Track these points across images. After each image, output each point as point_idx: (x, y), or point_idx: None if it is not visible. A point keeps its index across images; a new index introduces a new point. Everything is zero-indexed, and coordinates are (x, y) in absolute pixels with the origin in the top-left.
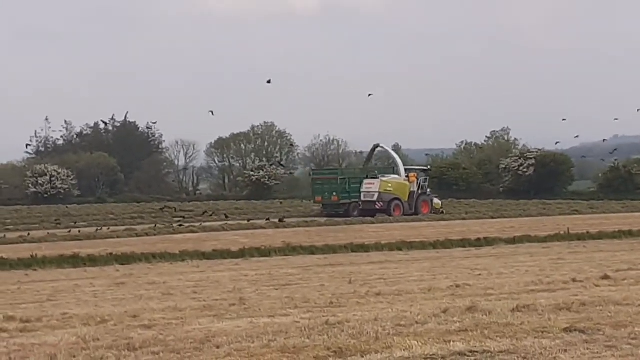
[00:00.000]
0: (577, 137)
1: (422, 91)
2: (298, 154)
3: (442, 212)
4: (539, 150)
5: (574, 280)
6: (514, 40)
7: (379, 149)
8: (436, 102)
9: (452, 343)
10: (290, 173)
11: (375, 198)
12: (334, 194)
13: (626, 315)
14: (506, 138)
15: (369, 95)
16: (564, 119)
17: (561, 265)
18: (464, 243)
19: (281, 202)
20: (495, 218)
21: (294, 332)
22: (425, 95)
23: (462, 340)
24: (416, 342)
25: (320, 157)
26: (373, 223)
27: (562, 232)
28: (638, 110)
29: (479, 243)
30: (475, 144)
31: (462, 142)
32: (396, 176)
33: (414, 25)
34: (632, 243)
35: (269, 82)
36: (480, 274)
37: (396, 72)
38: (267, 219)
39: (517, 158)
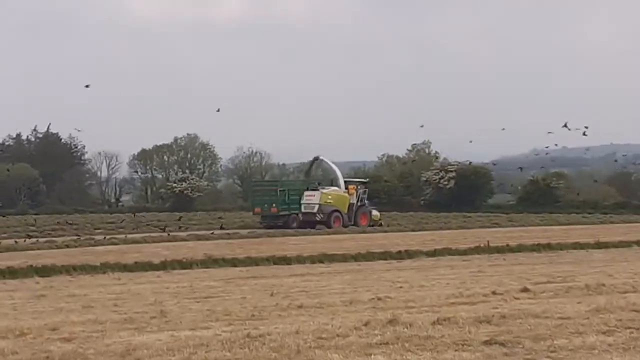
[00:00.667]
0: (495, 164)
1: (344, 103)
2: (221, 166)
3: (381, 224)
4: (459, 163)
5: (494, 293)
6: (440, 54)
7: (318, 161)
8: (358, 115)
9: (373, 356)
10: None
11: (315, 210)
12: (274, 205)
13: (545, 328)
14: (427, 151)
15: (217, 110)
16: (503, 128)
17: (481, 277)
18: (385, 256)
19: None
20: (416, 231)
21: (215, 346)
22: (347, 107)
23: (383, 353)
24: (337, 355)
25: (243, 169)
26: (295, 235)
27: (482, 245)
28: (503, 129)
29: (400, 255)
30: (397, 157)
31: (383, 154)
32: (336, 188)
33: (341, 35)
34: (550, 256)
35: (87, 86)
36: (401, 287)
37: (321, 83)
38: (165, 231)
39: (438, 171)
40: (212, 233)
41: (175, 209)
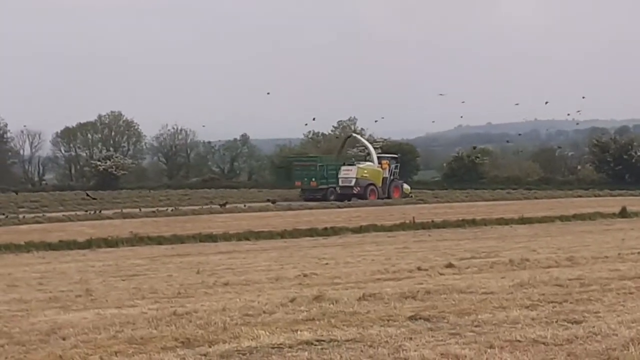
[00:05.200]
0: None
1: (270, 81)
2: (146, 143)
3: (411, 196)
4: (385, 139)
5: (419, 268)
6: (361, 32)
7: (350, 138)
8: (284, 92)
9: (299, 332)
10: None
11: (352, 183)
12: (313, 179)
13: (469, 302)
14: (353, 128)
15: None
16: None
17: (406, 254)
18: (311, 232)
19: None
20: (342, 207)
21: (141, 323)
22: (274, 84)
23: (309, 329)
24: (264, 332)
25: (168, 146)
26: (221, 213)
27: (407, 221)
28: (440, 94)
29: (326, 232)
30: (323, 134)
31: (309, 132)
32: (371, 163)
33: (259, 15)
34: (475, 232)
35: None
36: (327, 263)
37: (244, 61)
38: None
39: (363, 148)
40: (140, 210)
41: (99, 187)
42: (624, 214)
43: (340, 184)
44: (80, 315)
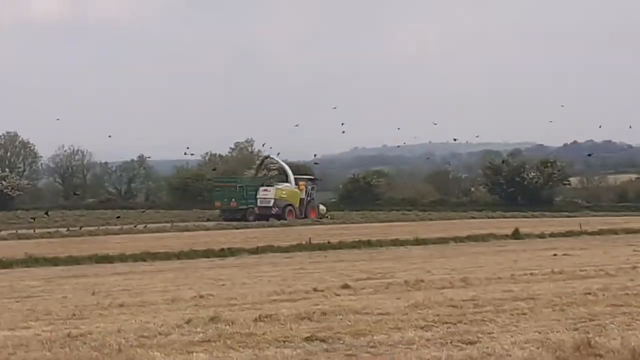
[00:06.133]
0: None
1: (167, 103)
2: (42, 164)
3: (327, 217)
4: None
5: (315, 289)
6: (256, 57)
7: (267, 159)
8: (181, 114)
9: (195, 354)
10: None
11: (271, 204)
12: (233, 200)
13: (365, 324)
14: (250, 149)
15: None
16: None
17: (303, 275)
18: (207, 253)
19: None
20: (239, 228)
21: (34, 346)
22: (170, 107)
23: (205, 350)
24: (159, 354)
25: (65, 167)
26: (118, 234)
27: (304, 242)
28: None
29: (223, 253)
30: (220, 155)
31: (206, 153)
32: (288, 184)
33: (159, 37)
34: (370, 253)
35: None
36: (223, 284)
37: (141, 83)
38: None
39: (255, 168)
40: (34, 231)
41: None
42: (516, 235)
43: (259, 204)
44: None
